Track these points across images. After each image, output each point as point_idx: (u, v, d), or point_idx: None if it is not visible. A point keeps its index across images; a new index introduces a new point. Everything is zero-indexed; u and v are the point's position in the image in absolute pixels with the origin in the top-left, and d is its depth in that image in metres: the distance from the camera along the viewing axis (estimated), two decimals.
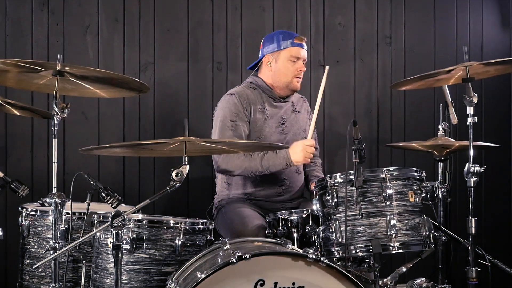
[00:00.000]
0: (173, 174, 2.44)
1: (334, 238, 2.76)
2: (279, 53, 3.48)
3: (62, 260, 2.88)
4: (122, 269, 2.57)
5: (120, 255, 2.43)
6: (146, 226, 2.74)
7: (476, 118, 2.88)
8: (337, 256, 2.77)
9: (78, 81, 2.77)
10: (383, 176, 2.78)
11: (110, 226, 2.41)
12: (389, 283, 2.92)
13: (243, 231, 3.10)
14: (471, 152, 2.87)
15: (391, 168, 2.81)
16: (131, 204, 3.03)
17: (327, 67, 3.42)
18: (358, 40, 4.43)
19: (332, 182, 2.82)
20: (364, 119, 4.40)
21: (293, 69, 3.47)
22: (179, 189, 2.49)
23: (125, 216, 2.41)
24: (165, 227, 2.75)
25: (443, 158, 3.40)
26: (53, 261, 2.60)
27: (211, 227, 2.89)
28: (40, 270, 2.98)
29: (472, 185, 2.86)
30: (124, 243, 2.62)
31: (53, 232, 2.63)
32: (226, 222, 3.33)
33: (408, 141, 3.84)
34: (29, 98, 3.91)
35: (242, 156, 3.32)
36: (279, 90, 3.52)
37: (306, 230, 2.97)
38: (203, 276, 2.35)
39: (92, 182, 2.75)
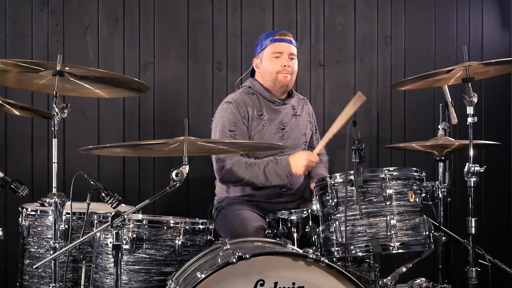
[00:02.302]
0: (173, 174, 2.44)
1: (334, 238, 2.76)
2: (263, 53, 3.49)
3: (62, 260, 2.88)
4: (122, 269, 2.57)
5: (120, 255, 2.43)
6: (146, 226, 2.73)
7: (476, 118, 2.88)
8: (337, 256, 2.77)
9: (78, 81, 2.77)
10: (383, 176, 2.78)
11: (110, 226, 2.41)
12: (389, 283, 2.92)
13: (243, 234, 3.10)
14: (471, 152, 2.87)
15: (391, 168, 2.81)
16: (131, 204, 3.03)
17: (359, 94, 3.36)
18: (358, 40, 4.43)
19: (332, 182, 2.82)
20: (364, 119, 4.40)
21: (277, 65, 3.45)
22: (179, 189, 2.50)
23: (125, 216, 2.41)
24: (165, 227, 2.75)
25: (443, 158, 3.40)
26: (53, 261, 2.60)
27: (211, 227, 2.89)
28: (40, 270, 2.98)
29: (472, 185, 2.86)
30: (124, 243, 2.62)
31: (53, 232, 2.63)
32: (226, 224, 3.32)
33: (408, 141, 3.84)
34: (29, 98, 3.92)
35: (243, 169, 3.31)
36: (273, 91, 3.50)
37: (306, 230, 2.97)
38: (203, 276, 2.35)
39: (92, 182, 2.74)
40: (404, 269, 3.02)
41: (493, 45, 4.63)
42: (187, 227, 2.77)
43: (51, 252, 2.59)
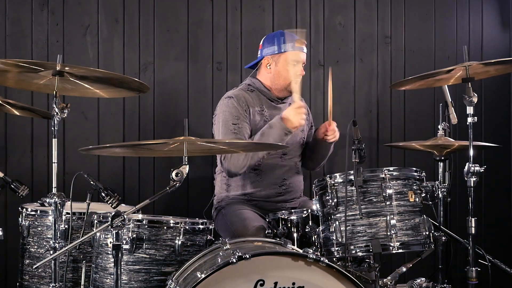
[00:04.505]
0: (173, 174, 2.44)
1: (334, 238, 2.76)
2: (280, 56, 3.47)
3: (62, 260, 2.88)
4: (122, 269, 2.57)
5: (120, 255, 2.43)
6: (146, 226, 2.74)
7: (476, 118, 2.88)
8: (337, 256, 2.78)
9: (78, 81, 2.77)
10: (383, 176, 2.78)
11: (110, 226, 2.41)
12: (389, 283, 2.92)
13: (243, 234, 3.09)
14: (471, 152, 2.87)
15: (391, 168, 2.82)
16: (131, 204, 3.03)
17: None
18: (358, 40, 4.43)
19: (332, 182, 2.82)
20: (364, 119, 4.40)
21: (292, 72, 3.46)
22: (179, 189, 2.50)
23: (125, 216, 2.41)
24: (165, 227, 2.75)
25: (443, 158, 3.40)
26: (53, 261, 2.60)
27: (211, 227, 2.90)
28: (40, 270, 2.99)
29: (472, 185, 2.86)
30: (124, 243, 2.62)
31: (53, 232, 2.63)
32: (226, 224, 3.32)
33: (408, 141, 3.84)
34: (29, 98, 3.91)
35: (242, 155, 3.31)
36: (277, 92, 3.52)
37: (306, 230, 2.97)
38: (203, 276, 2.35)
39: (92, 182, 2.75)
40: (404, 269, 3.02)
41: (493, 45, 4.63)
42: (187, 227, 2.78)
43: (51, 252, 2.59)
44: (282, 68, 3.47)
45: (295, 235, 3.01)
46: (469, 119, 2.87)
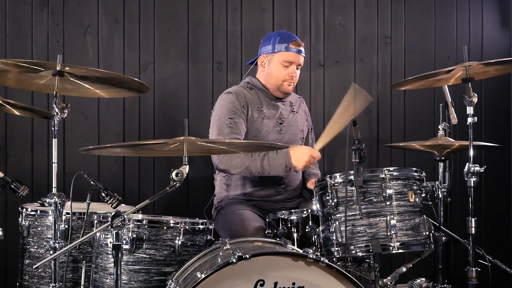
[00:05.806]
0: (173, 174, 2.44)
1: (334, 238, 2.76)
2: (273, 56, 3.47)
3: (62, 260, 2.88)
4: (122, 269, 2.57)
5: (120, 255, 2.43)
6: (146, 226, 2.74)
7: (476, 118, 2.88)
8: (337, 256, 2.77)
9: (78, 81, 2.77)
10: (383, 176, 2.78)
11: (110, 226, 2.41)
12: (389, 283, 2.92)
13: (243, 234, 3.10)
14: (471, 152, 2.87)
15: (391, 168, 2.81)
16: (131, 204, 3.03)
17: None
18: (358, 40, 4.43)
19: (332, 182, 2.82)
20: (364, 119, 4.40)
21: (284, 73, 3.46)
22: (179, 189, 2.49)
23: (125, 216, 2.41)
24: (165, 227, 2.75)
25: (443, 158, 3.40)
26: (53, 261, 2.60)
27: (211, 227, 2.89)
28: (40, 270, 2.98)
29: (472, 185, 2.86)
30: (124, 243, 2.62)
31: (53, 232, 2.63)
32: (226, 224, 3.33)
33: (408, 141, 3.84)
34: (29, 98, 3.92)
35: (242, 155, 3.31)
36: (272, 91, 3.52)
37: (306, 230, 2.97)
38: (203, 276, 2.35)
39: (92, 182, 2.75)
40: (404, 269, 3.02)
41: (493, 45, 4.63)
42: (187, 227, 2.78)
43: (51, 252, 2.59)
44: (274, 68, 3.47)
45: (295, 235, 3.01)
46: (469, 119, 2.87)
